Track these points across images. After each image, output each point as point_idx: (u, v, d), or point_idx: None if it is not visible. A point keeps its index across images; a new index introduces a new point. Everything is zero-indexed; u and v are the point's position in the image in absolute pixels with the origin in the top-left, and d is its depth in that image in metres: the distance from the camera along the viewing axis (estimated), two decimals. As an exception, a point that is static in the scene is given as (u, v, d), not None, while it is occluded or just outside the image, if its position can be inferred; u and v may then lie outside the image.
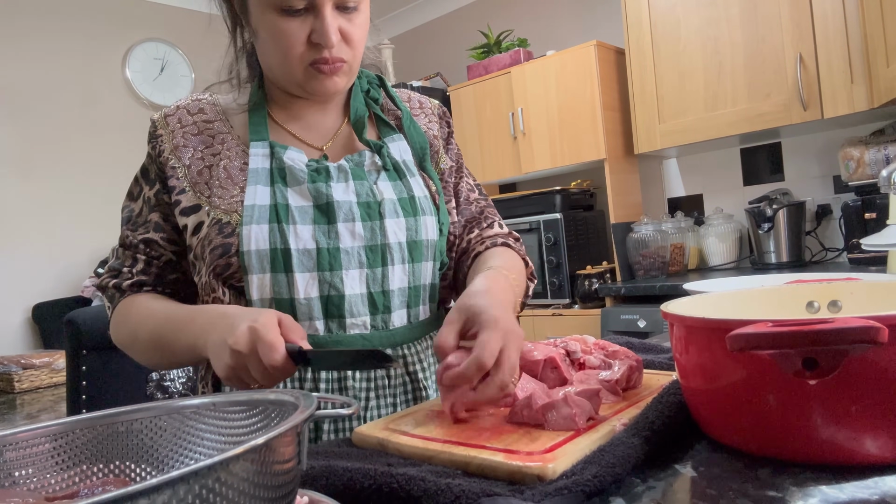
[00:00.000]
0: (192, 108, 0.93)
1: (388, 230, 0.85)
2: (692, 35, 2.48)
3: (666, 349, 0.91)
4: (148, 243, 0.89)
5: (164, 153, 0.89)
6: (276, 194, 0.83)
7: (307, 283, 0.82)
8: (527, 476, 0.49)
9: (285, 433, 0.35)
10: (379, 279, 0.85)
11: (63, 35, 3.14)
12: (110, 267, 0.92)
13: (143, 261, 0.89)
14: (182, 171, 0.88)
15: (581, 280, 2.71)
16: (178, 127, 0.90)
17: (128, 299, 0.89)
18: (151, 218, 0.89)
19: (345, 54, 0.84)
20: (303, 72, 0.84)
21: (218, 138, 0.90)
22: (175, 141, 0.89)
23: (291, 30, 0.81)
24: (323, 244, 0.82)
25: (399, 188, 0.89)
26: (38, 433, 0.45)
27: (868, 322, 0.42)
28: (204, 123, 0.91)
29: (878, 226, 1.98)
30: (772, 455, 0.50)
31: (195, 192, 0.86)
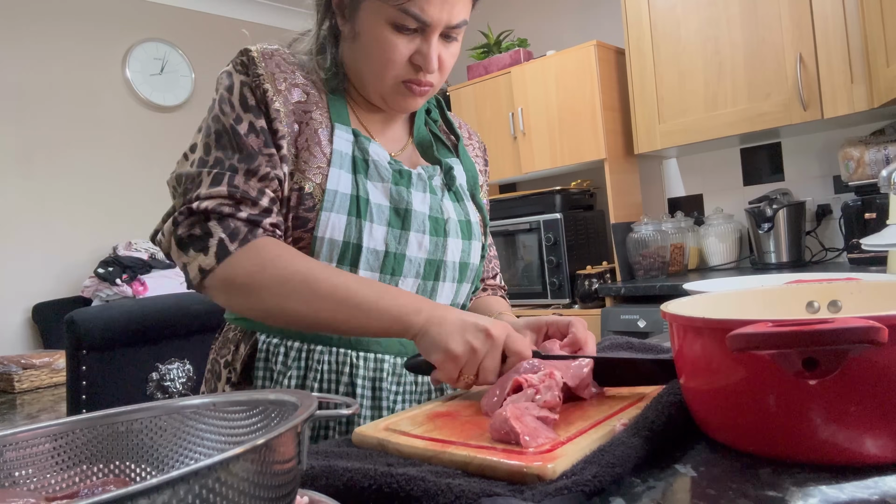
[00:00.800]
0: (289, 58, 0.87)
1: (449, 248, 0.89)
2: (692, 35, 2.48)
3: (666, 349, 0.91)
4: (279, 181, 0.80)
5: (268, 93, 0.82)
6: (357, 185, 0.83)
7: None
8: (527, 476, 0.49)
9: (285, 433, 0.35)
10: (428, 292, 0.88)
11: (63, 35, 3.14)
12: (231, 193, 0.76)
13: (271, 198, 0.79)
14: (283, 118, 0.82)
15: (581, 280, 2.71)
16: (277, 70, 0.84)
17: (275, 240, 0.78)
18: (274, 153, 0.80)
19: (434, 79, 0.86)
20: (393, 86, 0.85)
21: (311, 100, 0.86)
22: (277, 84, 0.83)
23: (398, 46, 0.81)
24: (392, 248, 0.84)
25: (459, 211, 0.93)
26: (38, 433, 0.45)
27: (868, 322, 0.42)
28: (302, 79, 0.86)
29: (878, 226, 1.98)
30: (772, 455, 0.50)
31: (290, 144, 0.82)
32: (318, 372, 0.84)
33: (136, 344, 1.48)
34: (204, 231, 0.76)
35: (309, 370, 0.84)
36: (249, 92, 0.82)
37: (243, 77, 0.83)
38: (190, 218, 0.77)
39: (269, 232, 0.79)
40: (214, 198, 0.76)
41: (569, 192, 2.90)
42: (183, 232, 0.77)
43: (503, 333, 0.70)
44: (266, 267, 0.74)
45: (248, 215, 0.77)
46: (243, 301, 0.76)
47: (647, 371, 0.68)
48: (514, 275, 2.94)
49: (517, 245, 2.91)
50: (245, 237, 0.76)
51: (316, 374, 0.84)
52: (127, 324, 1.46)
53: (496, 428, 0.57)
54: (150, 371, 1.52)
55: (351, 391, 0.83)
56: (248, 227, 0.77)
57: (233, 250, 0.75)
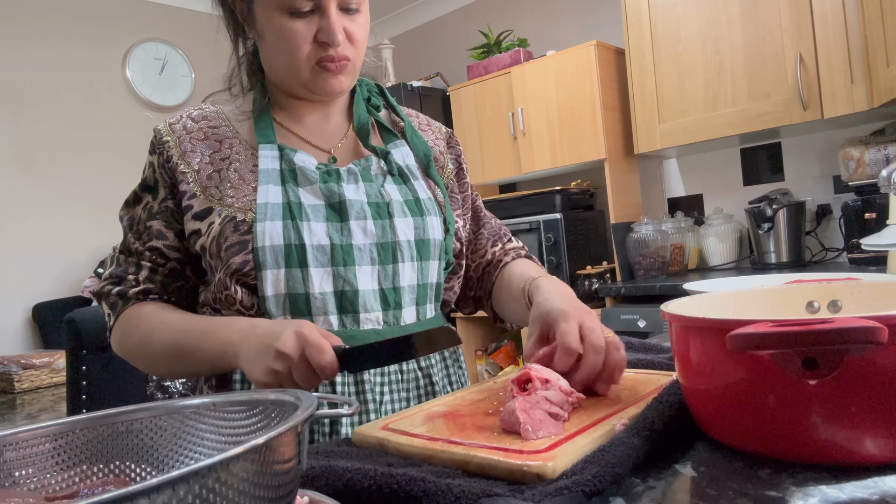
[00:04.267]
0: (196, 116, 0.94)
1: (398, 228, 0.88)
2: (692, 35, 2.48)
3: (666, 349, 0.91)
4: (153, 250, 0.89)
5: (173, 158, 0.89)
6: (288, 193, 0.85)
7: (322, 279, 0.84)
8: (527, 474, 0.49)
9: (285, 433, 0.35)
10: (390, 275, 0.88)
11: (63, 35, 3.14)
12: (111, 274, 0.91)
13: (149, 268, 0.89)
14: (192, 176, 0.88)
15: (581, 280, 2.71)
16: (183, 133, 0.91)
17: (134, 308, 0.88)
18: (153, 226, 0.90)
19: (349, 52, 0.87)
20: (309, 70, 0.86)
21: (225, 143, 0.91)
22: (183, 147, 0.90)
23: (299, 30, 0.83)
24: (336, 240, 0.85)
25: (404, 191, 0.93)
26: (38, 433, 0.45)
27: (868, 322, 0.42)
28: (210, 129, 0.92)
29: (878, 226, 1.98)
30: (772, 455, 0.50)
31: (206, 196, 0.87)
32: None
33: (136, 344, 1.48)
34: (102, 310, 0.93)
35: None
36: (154, 170, 0.91)
37: (151, 157, 0.92)
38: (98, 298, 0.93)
39: (138, 300, 0.89)
40: (106, 279, 0.92)
41: (569, 192, 2.90)
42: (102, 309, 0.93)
43: (295, 349, 0.69)
44: (124, 339, 0.88)
45: (119, 290, 0.89)
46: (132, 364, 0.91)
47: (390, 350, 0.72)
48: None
49: (517, 245, 2.91)
50: (119, 311, 0.89)
51: None
52: (127, 324, 1.46)
53: (504, 418, 0.59)
54: (150, 371, 1.51)
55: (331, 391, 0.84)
56: (121, 300, 0.89)
57: (111, 325, 0.90)
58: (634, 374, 0.78)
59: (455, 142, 1.11)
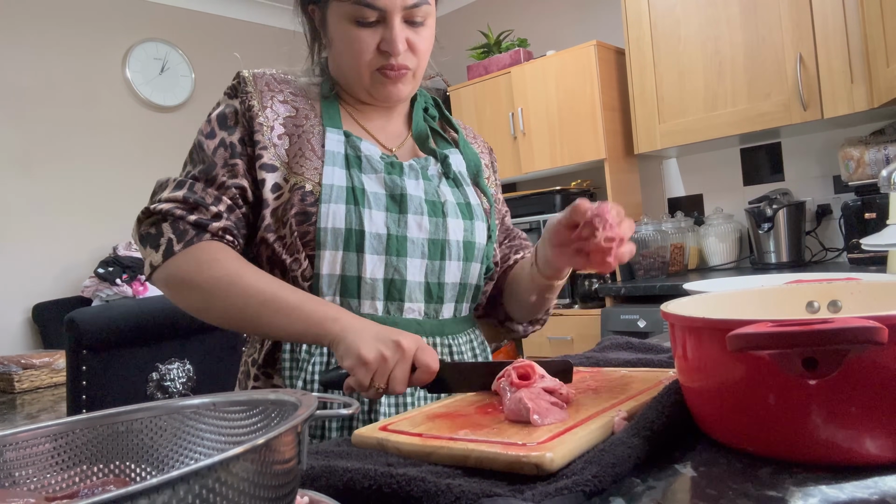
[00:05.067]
0: (279, 77, 0.95)
1: (450, 228, 0.93)
2: (692, 35, 2.48)
3: (666, 349, 0.91)
4: (239, 189, 0.87)
5: (254, 108, 0.90)
6: (352, 178, 0.88)
7: (375, 265, 0.88)
8: (525, 466, 0.49)
9: (285, 433, 0.35)
10: (437, 271, 0.92)
11: (63, 35, 3.14)
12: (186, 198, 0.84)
13: (228, 206, 0.86)
14: (267, 131, 0.89)
15: (581, 280, 2.71)
16: (266, 89, 0.92)
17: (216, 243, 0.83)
18: (238, 164, 0.88)
19: (409, 62, 0.91)
20: (370, 76, 0.91)
21: (301, 113, 0.93)
22: (264, 101, 0.91)
23: (363, 38, 0.88)
24: (393, 231, 0.89)
25: (457, 194, 0.98)
26: (38, 433, 0.45)
27: (868, 322, 0.42)
28: (291, 95, 0.94)
29: (878, 226, 1.98)
30: (772, 455, 0.50)
31: (275, 154, 0.88)
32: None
33: (136, 344, 1.48)
34: (157, 231, 0.84)
35: (332, 355, 0.87)
36: (232, 111, 0.90)
37: (230, 100, 0.92)
38: (149, 218, 0.85)
39: (217, 236, 0.84)
40: (171, 201, 0.84)
41: (569, 192, 2.90)
42: (143, 230, 0.85)
43: (413, 346, 0.74)
44: (202, 267, 0.81)
45: (197, 219, 0.83)
46: (182, 298, 0.84)
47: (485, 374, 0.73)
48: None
49: (517, 245, 2.91)
50: (191, 239, 0.82)
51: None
52: (127, 324, 1.46)
53: (511, 408, 0.61)
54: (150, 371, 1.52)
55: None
56: (196, 230, 0.83)
57: (177, 250, 0.82)
58: (635, 374, 0.78)
59: (494, 157, 1.16)
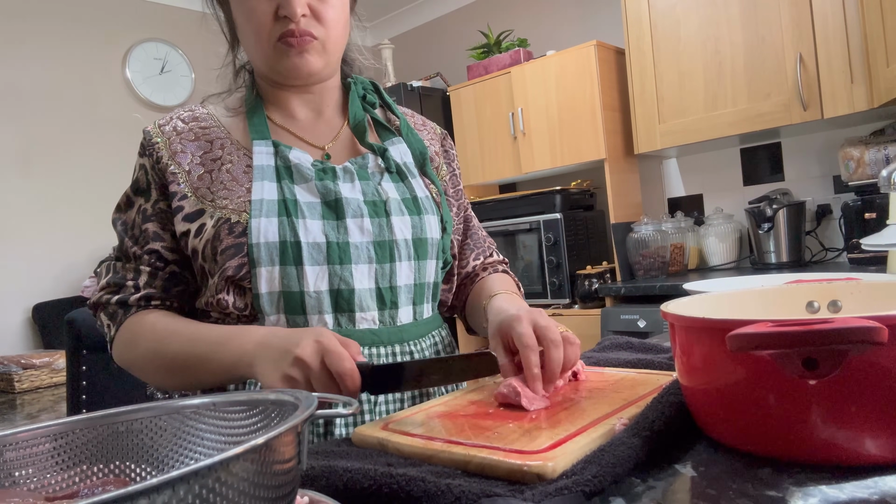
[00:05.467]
0: (186, 117, 0.92)
1: (395, 227, 0.87)
2: (692, 35, 2.48)
3: (666, 349, 0.91)
4: (152, 253, 0.87)
5: (163, 159, 0.87)
6: (283, 190, 0.84)
7: (317, 277, 0.82)
8: (527, 474, 0.49)
9: (285, 433, 0.35)
10: (387, 274, 0.86)
11: (63, 35, 3.13)
12: (109, 283, 0.88)
13: (148, 272, 0.87)
14: (182, 177, 0.86)
15: (581, 280, 2.71)
16: (173, 134, 0.89)
17: (137, 316, 0.86)
18: (149, 228, 0.88)
19: (315, 30, 0.84)
20: (272, 49, 0.84)
21: (217, 143, 0.89)
22: (173, 147, 0.88)
23: (258, 6, 0.82)
24: (332, 238, 0.83)
25: (402, 189, 0.91)
26: (38, 433, 0.45)
27: (868, 322, 0.42)
28: (200, 129, 0.90)
29: (878, 226, 1.98)
30: (772, 455, 0.50)
31: (197, 197, 0.85)
32: None
33: (136, 344, 1.48)
34: (99, 321, 0.90)
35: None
36: (145, 172, 0.89)
37: (141, 160, 0.90)
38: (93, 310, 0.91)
39: (140, 307, 0.87)
40: (102, 289, 0.89)
41: (569, 192, 2.90)
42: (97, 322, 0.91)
43: (315, 357, 0.68)
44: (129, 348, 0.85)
45: (119, 298, 0.87)
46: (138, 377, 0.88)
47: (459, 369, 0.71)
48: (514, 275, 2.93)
49: (517, 245, 2.91)
50: (120, 320, 0.86)
51: None
52: (127, 324, 1.46)
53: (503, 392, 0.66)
54: (150, 371, 1.51)
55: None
56: (121, 308, 0.87)
57: (113, 335, 0.87)
58: (634, 374, 0.78)
59: (450, 144, 1.09)
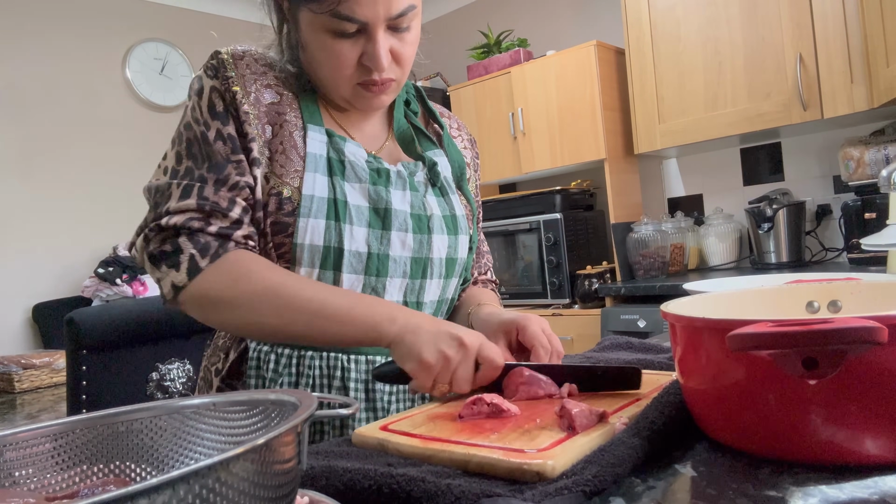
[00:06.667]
0: (260, 58, 0.85)
1: (434, 245, 0.87)
2: (692, 35, 2.48)
3: (666, 349, 0.91)
4: (251, 189, 0.78)
5: (237, 95, 0.81)
6: (334, 188, 0.81)
7: (352, 285, 0.82)
8: (527, 473, 0.49)
9: (285, 433, 0.35)
10: (416, 290, 0.87)
11: (63, 35, 3.13)
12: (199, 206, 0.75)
13: (243, 207, 0.78)
14: (255, 121, 0.80)
15: (581, 280, 2.71)
16: (248, 73, 0.83)
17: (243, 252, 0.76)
18: (243, 160, 0.79)
19: (394, 74, 0.83)
20: (350, 90, 0.83)
21: (285, 100, 0.84)
22: (247, 86, 0.82)
23: (343, 51, 0.78)
24: (374, 249, 0.83)
25: (443, 205, 0.91)
26: (39, 433, 0.45)
27: (868, 322, 0.42)
28: (274, 79, 0.85)
29: (878, 226, 1.98)
30: (772, 455, 0.50)
31: (260, 147, 0.80)
32: (310, 377, 0.82)
33: (136, 344, 1.48)
34: (174, 247, 0.75)
35: (301, 376, 0.83)
36: (218, 97, 0.81)
37: (213, 82, 0.82)
38: (160, 234, 0.76)
39: (241, 244, 0.77)
40: (184, 212, 0.75)
41: (569, 192, 2.90)
42: (154, 248, 0.76)
43: (476, 342, 0.70)
44: (238, 282, 0.74)
45: (219, 229, 0.76)
46: (217, 317, 0.76)
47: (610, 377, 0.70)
48: (514, 275, 2.94)
49: (517, 245, 2.91)
50: (216, 252, 0.75)
51: (308, 380, 0.82)
52: (127, 324, 1.46)
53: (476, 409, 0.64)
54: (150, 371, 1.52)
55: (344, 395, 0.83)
56: (219, 241, 0.76)
57: (204, 266, 0.74)
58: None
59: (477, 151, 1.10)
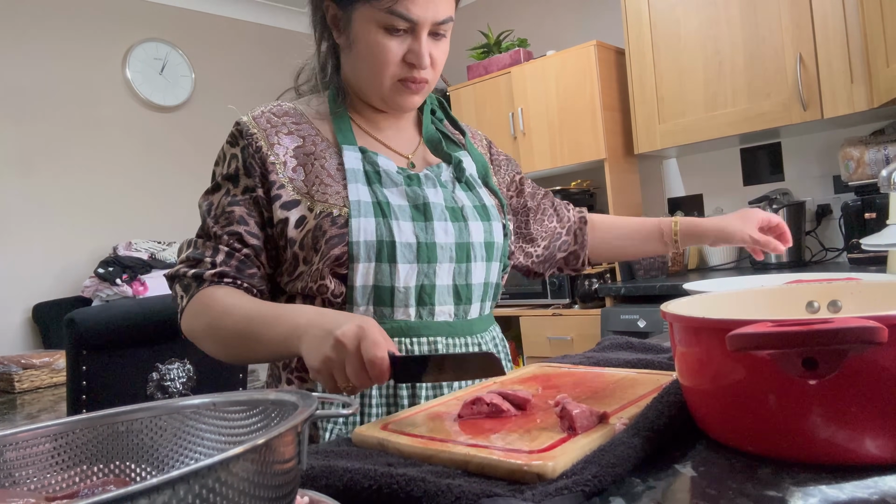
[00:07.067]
0: (277, 111, 0.96)
1: (472, 231, 0.95)
2: (692, 35, 2.48)
3: (666, 349, 0.91)
4: (233, 235, 0.90)
5: (263, 149, 0.91)
6: (375, 193, 0.91)
7: (407, 274, 0.89)
8: (527, 474, 0.49)
9: (285, 433, 0.35)
10: (464, 273, 0.94)
11: (63, 35, 3.13)
12: (188, 257, 0.91)
13: (225, 252, 0.90)
14: (280, 167, 0.91)
15: (581, 280, 2.71)
16: (268, 126, 0.93)
17: (208, 290, 0.88)
18: (235, 211, 0.91)
19: (428, 76, 0.93)
20: (391, 86, 0.92)
21: (309, 140, 0.94)
22: (270, 139, 0.92)
23: (391, 47, 0.88)
24: (422, 239, 0.91)
25: (472, 197, 0.99)
26: (39, 433, 0.45)
27: (868, 322, 0.42)
28: (293, 125, 0.95)
29: (877, 226, 1.98)
30: (772, 455, 0.50)
31: (294, 188, 0.90)
32: None
33: (136, 344, 1.48)
34: (173, 291, 0.93)
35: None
36: (242, 160, 0.92)
37: (236, 150, 0.93)
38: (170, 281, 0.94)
39: (213, 282, 0.89)
40: (181, 263, 0.92)
41: (569, 192, 2.90)
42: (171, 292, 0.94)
43: (354, 340, 0.69)
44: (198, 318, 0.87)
45: (195, 272, 0.89)
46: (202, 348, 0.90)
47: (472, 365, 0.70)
48: (514, 274, 2.93)
49: (517, 245, 2.91)
50: (193, 292, 0.89)
51: None
52: (127, 324, 1.46)
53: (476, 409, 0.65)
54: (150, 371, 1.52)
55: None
56: (196, 282, 0.89)
57: (185, 306, 0.89)
58: (635, 374, 0.78)
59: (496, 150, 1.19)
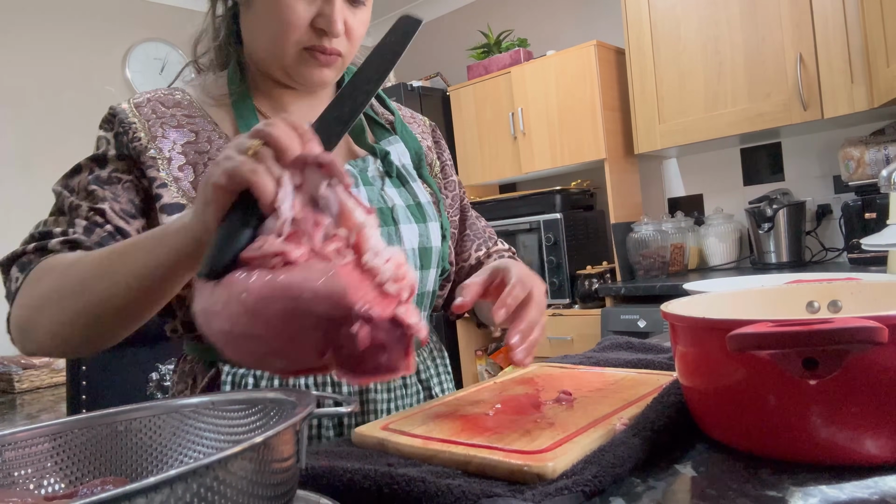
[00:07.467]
0: (166, 101, 0.82)
1: (404, 236, 0.82)
2: (692, 35, 2.48)
3: (666, 349, 0.91)
4: (93, 210, 0.73)
5: (142, 140, 0.76)
6: None
7: None
8: (527, 475, 0.49)
9: (284, 432, 0.35)
10: None
11: (63, 35, 3.13)
12: (33, 235, 0.73)
13: (84, 226, 0.72)
14: (163, 164, 0.76)
15: (581, 280, 2.71)
16: (153, 117, 0.79)
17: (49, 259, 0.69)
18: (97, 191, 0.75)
19: (342, 47, 0.79)
20: (296, 55, 0.78)
21: (203, 136, 0.80)
22: (153, 131, 0.78)
23: (296, 9, 0.74)
24: None
25: (405, 195, 0.86)
26: (37, 433, 0.45)
27: (868, 322, 0.42)
28: (185, 117, 0.80)
29: (878, 226, 1.98)
30: (772, 455, 0.50)
31: (179, 189, 0.76)
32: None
33: (136, 344, 1.48)
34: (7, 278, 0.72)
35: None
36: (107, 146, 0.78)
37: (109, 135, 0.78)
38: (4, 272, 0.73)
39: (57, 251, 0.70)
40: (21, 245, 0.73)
41: (569, 192, 2.90)
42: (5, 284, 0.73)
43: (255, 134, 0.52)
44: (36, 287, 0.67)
45: (38, 245, 0.71)
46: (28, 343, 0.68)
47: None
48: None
49: (517, 245, 2.91)
50: (33, 265, 0.69)
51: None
52: (127, 324, 1.46)
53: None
54: (150, 371, 1.52)
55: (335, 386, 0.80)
56: (38, 254, 0.71)
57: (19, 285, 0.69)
58: (635, 374, 0.78)
59: (439, 136, 1.04)
